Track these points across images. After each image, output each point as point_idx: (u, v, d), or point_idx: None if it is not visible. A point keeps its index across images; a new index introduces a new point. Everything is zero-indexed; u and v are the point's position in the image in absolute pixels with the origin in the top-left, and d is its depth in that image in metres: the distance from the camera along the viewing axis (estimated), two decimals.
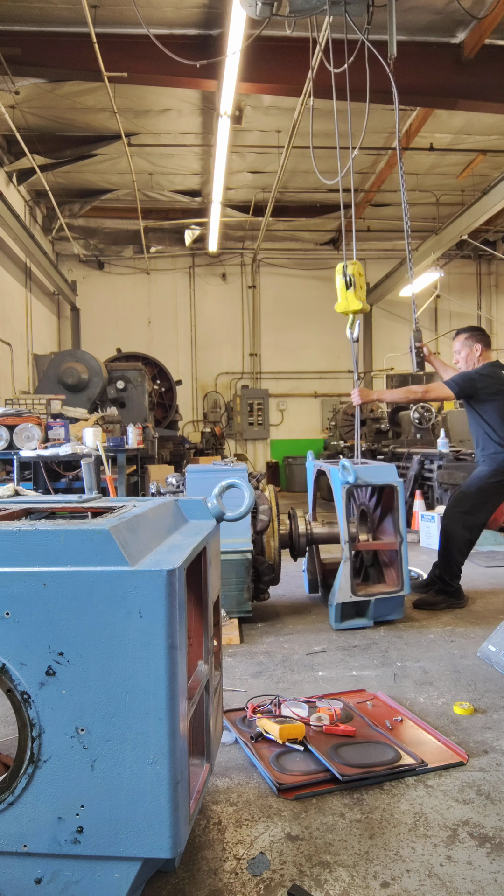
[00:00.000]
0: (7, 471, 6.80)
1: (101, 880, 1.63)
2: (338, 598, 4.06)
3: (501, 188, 9.06)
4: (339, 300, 4.50)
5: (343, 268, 4.42)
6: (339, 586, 4.05)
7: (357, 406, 4.70)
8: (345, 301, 4.46)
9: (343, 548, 4.08)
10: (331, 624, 4.23)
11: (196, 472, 4.46)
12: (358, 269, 4.44)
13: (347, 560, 4.06)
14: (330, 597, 4.19)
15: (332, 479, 4.24)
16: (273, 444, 15.36)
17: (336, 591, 4.07)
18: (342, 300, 4.48)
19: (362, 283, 4.48)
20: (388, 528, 4.44)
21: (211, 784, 2.40)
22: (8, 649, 1.61)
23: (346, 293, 4.44)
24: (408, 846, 2.04)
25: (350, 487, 4.12)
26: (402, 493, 4.25)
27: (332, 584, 4.77)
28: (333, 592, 4.10)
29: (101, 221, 13.29)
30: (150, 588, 1.57)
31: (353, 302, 4.42)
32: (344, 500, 4.05)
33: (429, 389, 4.67)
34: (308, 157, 10.35)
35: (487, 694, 3.18)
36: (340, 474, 4.01)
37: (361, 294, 4.44)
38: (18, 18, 7.19)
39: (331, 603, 4.17)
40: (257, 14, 4.58)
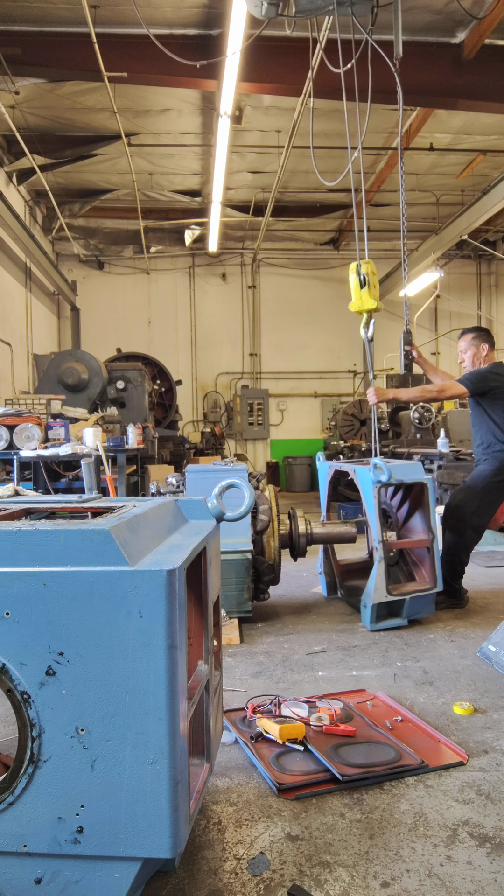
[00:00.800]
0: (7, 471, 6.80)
1: (101, 880, 1.63)
2: (374, 598, 4.04)
3: (501, 188, 9.06)
4: (353, 299, 4.51)
5: (357, 267, 4.43)
6: (374, 587, 4.02)
7: (373, 405, 4.70)
8: (359, 300, 4.47)
9: (377, 548, 4.06)
10: (364, 625, 4.21)
11: (196, 472, 4.46)
12: (371, 268, 4.45)
13: (382, 560, 4.04)
14: (364, 598, 4.15)
15: (360, 479, 4.21)
16: (273, 444, 15.36)
17: (371, 591, 4.04)
18: (356, 299, 4.49)
19: (376, 282, 4.49)
20: (415, 526, 4.44)
21: (211, 784, 2.40)
22: (8, 649, 1.61)
23: (359, 292, 4.45)
24: (408, 846, 2.04)
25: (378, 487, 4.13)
26: (433, 490, 4.26)
27: (351, 584, 4.80)
28: (368, 593, 4.07)
29: (101, 221, 13.28)
30: (150, 588, 1.57)
31: (368, 301, 4.43)
32: (376, 499, 4.04)
33: (443, 389, 4.69)
34: (308, 157, 10.36)
35: (487, 694, 3.18)
36: (372, 473, 3.99)
37: (375, 293, 4.46)
38: (18, 18, 7.18)
39: (365, 604, 4.14)
40: (263, 14, 4.57)
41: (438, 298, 14.77)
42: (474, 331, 4.88)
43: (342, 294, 15.36)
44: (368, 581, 4.11)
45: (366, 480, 4.13)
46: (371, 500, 4.06)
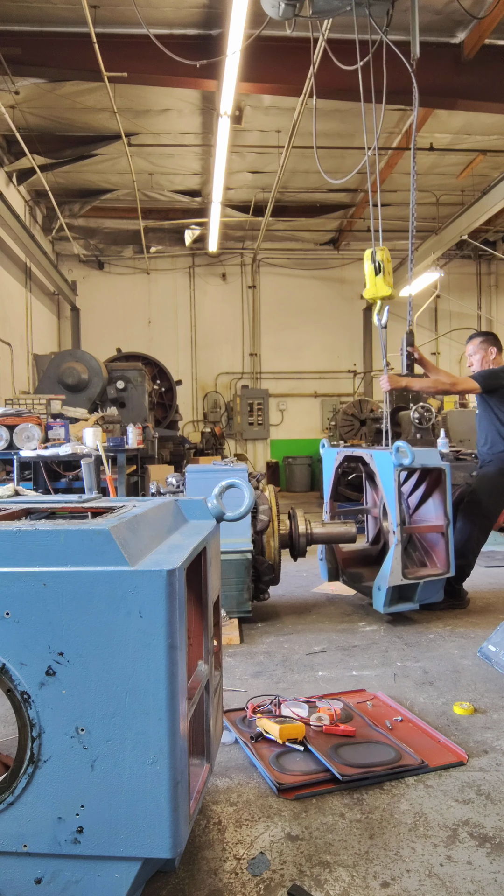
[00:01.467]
0: (7, 471, 6.80)
1: (101, 880, 1.63)
2: (389, 581, 4.04)
3: (501, 188, 9.06)
4: (368, 286, 4.52)
5: (372, 254, 4.43)
6: (390, 570, 4.03)
7: (386, 392, 4.71)
8: (373, 287, 4.48)
9: (395, 531, 4.06)
10: (378, 609, 4.18)
11: (196, 472, 4.46)
12: (386, 255, 4.45)
13: (399, 544, 4.04)
14: (378, 581, 4.14)
15: (378, 463, 4.20)
16: (273, 444, 15.35)
17: (387, 574, 4.04)
18: (371, 286, 4.50)
19: (390, 269, 4.50)
20: (427, 512, 4.45)
21: (211, 784, 2.40)
22: (8, 649, 1.61)
23: (374, 279, 4.46)
24: (408, 846, 2.04)
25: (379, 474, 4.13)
26: (449, 475, 4.29)
27: (354, 571, 4.80)
28: (383, 576, 4.07)
29: (101, 221, 13.28)
30: (150, 588, 1.57)
31: (382, 288, 4.44)
32: (396, 483, 4.04)
33: (456, 382, 4.72)
34: (308, 157, 10.37)
35: (487, 694, 3.18)
36: (395, 456, 3.98)
37: (389, 280, 4.47)
38: (18, 18, 7.18)
39: (379, 587, 4.13)
40: (280, 15, 4.57)
41: (438, 298, 14.77)
42: (482, 335, 4.94)
43: (342, 294, 15.37)
44: (384, 565, 4.09)
45: (385, 464, 4.12)
46: (391, 484, 4.05)
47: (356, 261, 15.21)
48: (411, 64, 4.56)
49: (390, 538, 4.12)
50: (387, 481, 4.11)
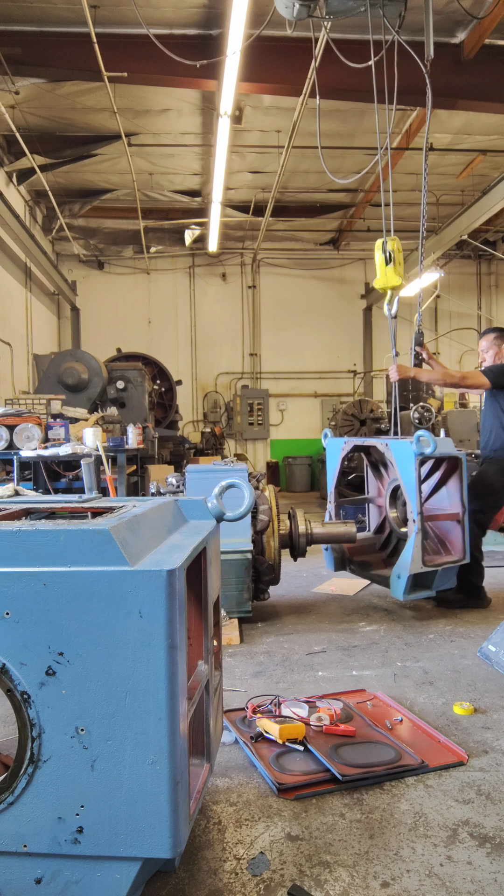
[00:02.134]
0: (7, 471, 6.80)
1: (101, 880, 1.63)
2: (410, 569, 4.05)
3: (501, 188, 9.05)
4: (378, 276, 4.52)
5: (382, 244, 4.44)
6: (410, 557, 4.04)
7: (394, 382, 4.70)
8: (384, 277, 4.49)
9: (415, 519, 4.07)
10: (397, 596, 4.19)
11: (196, 472, 4.46)
12: (397, 246, 4.46)
13: (419, 532, 4.05)
14: (397, 569, 4.15)
15: (395, 452, 4.20)
16: (273, 444, 15.35)
17: (407, 562, 4.06)
18: (381, 276, 4.50)
19: (401, 259, 4.51)
20: (440, 500, 4.46)
21: (211, 784, 2.40)
22: (8, 649, 1.61)
23: (385, 269, 4.46)
24: (408, 846, 2.04)
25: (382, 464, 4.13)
26: (465, 464, 4.31)
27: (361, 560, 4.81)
28: (403, 564, 4.08)
29: (101, 221, 13.27)
30: (150, 588, 1.57)
31: (393, 278, 4.45)
32: (417, 471, 4.04)
33: (466, 376, 4.73)
34: (308, 157, 10.37)
35: (487, 694, 3.18)
36: (416, 445, 3.98)
37: (400, 269, 4.48)
38: (18, 18, 7.18)
39: (399, 575, 4.13)
40: (294, 15, 4.58)
41: (438, 298, 14.77)
42: (496, 331, 4.95)
43: (342, 294, 15.37)
44: (403, 553, 4.10)
45: (403, 453, 4.12)
46: (411, 472, 4.06)
47: (356, 261, 15.22)
48: (425, 64, 4.58)
49: (410, 526, 4.12)
50: (405, 470, 4.12)
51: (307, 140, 9.01)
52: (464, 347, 15.11)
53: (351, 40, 6.26)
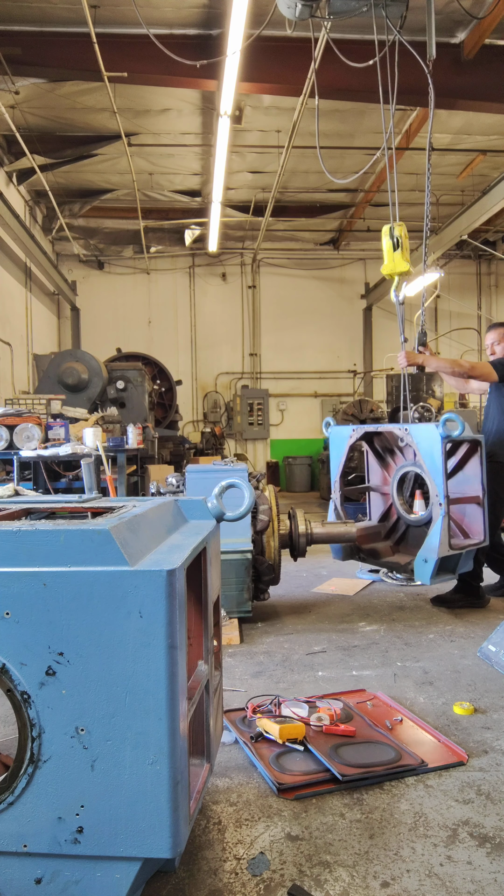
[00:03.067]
0: (7, 471, 6.80)
1: (101, 880, 1.63)
2: (439, 552, 4.06)
3: (501, 188, 9.05)
4: (386, 262, 4.51)
5: (390, 230, 4.43)
6: (438, 541, 4.04)
7: (403, 368, 4.69)
8: (391, 262, 4.48)
9: (442, 503, 4.07)
10: (423, 581, 4.18)
11: (196, 472, 4.46)
12: (404, 232, 4.45)
13: (446, 515, 4.06)
14: (424, 553, 4.14)
15: (416, 437, 4.19)
16: (273, 444, 15.35)
17: (435, 546, 4.06)
18: (389, 261, 4.49)
19: (407, 245, 4.50)
20: (458, 483, 4.48)
21: (211, 784, 2.40)
22: (8, 649, 1.61)
23: (392, 255, 4.45)
24: (408, 846, 2.04)
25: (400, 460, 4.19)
26: (484, 447, 4.34)
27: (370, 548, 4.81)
28: (431, 548, 4.08)
29: (101, 221, 13.28)
30: (150, 588, 1.57)
31: (400, 263, 4.44)
32: (444, 455, 4.04)
33: (475, 366, 4.72)
34: (308, 157, 10.36)
35: (487, 694, 3.18)
36: (442, 429, 3.97)
37: (407, 255, 4.46)
38: (18, 18, 7.18)
39: (426, 559, 4.12)
40: (296, 16, 4.59)
41: (438, 298, 14.77)
42: (501, 325, 4.96)
43: (342, 294, 15.37)
44: (430, 537, 4.09)
45: (426, 437, 4.12)
46: (436, 456, 4.06)
47: (356, 261, 15.22)
48: (428, 64, 4.58)
49: (435, 510, 4.11)
50: (429, 454, 4.11)
51: (307, 140, 9.01)
52: (464, 347, 15.11)
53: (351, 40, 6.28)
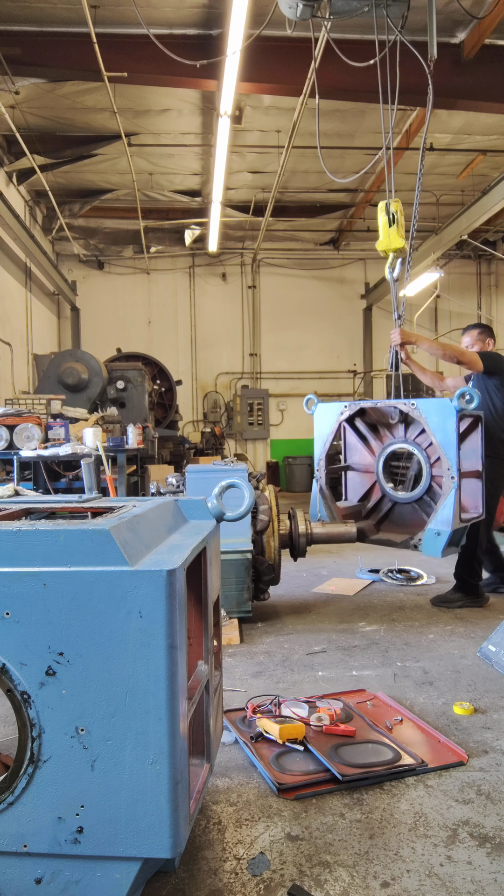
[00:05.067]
0: (7, 471, 6.80)
1: (101, 880, 1.63)
2: (452, 525, 4.07)
3: (501, 188, 9.05)
4: (381, 238, 4.50)
5: (386, 205, 4.43)
6: (452, 514, 4.05)
7: (396, 345, 4.68)
8: (386, 239, 4.47)
9: (455, 476, 4.08)
10: (435, 555, 4.17)
11: (196, 472, 4.46)
12: (399, 208, 4.45)
13: (457, 489, 4.07)
14: (436, 527, 4.14)
15: (425, 412, 4.19)
16: (273, 444, 15.35)
17: (449, 518, 4.07)
18: (384, 238, 4.48)
19: (402, 222, 4.49)
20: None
21: (211, 784, 2.40)
22: (8, 649, 1.61)
23: (388, 230, 4.45)
24: (408, 846, 2.04)
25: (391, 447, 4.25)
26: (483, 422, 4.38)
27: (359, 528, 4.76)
28: (444, 521, 4.10)
29: (101, 221, 13.28)
30: (150, 588, 1.57)
31: (396, 240, 4.44)
32: (457, 429, 4.05)
33: (463, 353, 4.77)
34: (308, 157, 10.36)
35: (487, 694, 3.18)
36: (457, 402, 3.96)
37: (402, 231, 4.46)
38: (18, 18, 7.18)
39: (439, 533, 4.12)
40: (297, 16, 4.59)
41: (438, 298, 14.76)
42: (480, 327, 5.05)
43: (342, 294, 15.37)
44: (442, 511, 4.10)
45: (439, 411, 4.13)
46: (448, 431, 4.06)
47: (356, 261, 15.22)
48: (429, 64, 4.58)
49: (446, 484, 4.12)
50: (440, 429, 4.11)
51: (307, 140, 9.00)
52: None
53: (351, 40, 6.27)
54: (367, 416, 4.94)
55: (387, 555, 6.69)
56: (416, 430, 4.55)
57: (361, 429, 4.98)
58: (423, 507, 4.58)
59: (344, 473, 5.21)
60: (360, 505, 5.04)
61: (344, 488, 5.22)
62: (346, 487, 5.20)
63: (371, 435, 4.96)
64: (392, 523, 4.85)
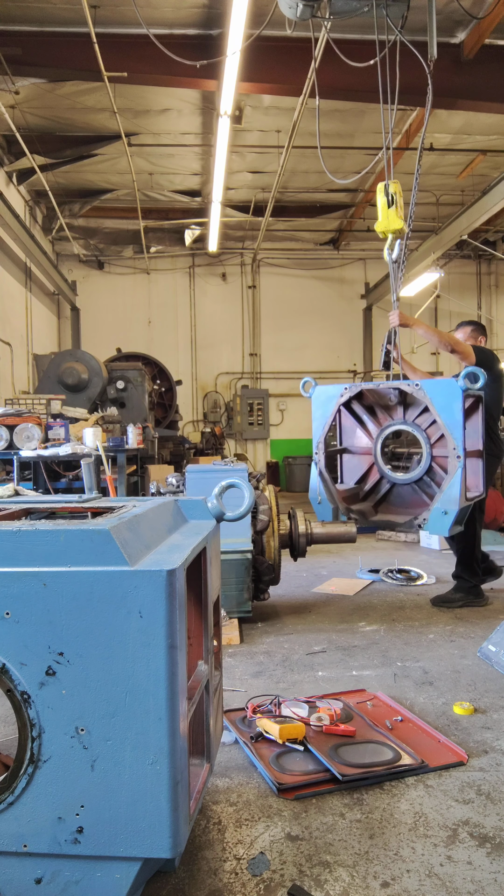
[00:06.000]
0: (7, 471, 6.80)
1: (101, 880, 1.63)
2: (459, 503, 4.06)
3: (501, 188, 9.05)
4: (380, 219, 4.47)
5: (385, 186, 4.43)
6: (459, 493, 4.05)
7: (394, 327, 4.66)
8: (385, 220, 4.44)
9: (461, 455, 4.07)
10: (441, 533, 4.17)
11: (196, 472, 4.46)
12: (398, 188, 4.44)
13: (463, 468, 4.06)
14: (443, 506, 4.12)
15: (430, 392, 4.16)
16: (273, 444, 15.35)
17: (455, 497, 4.06)
18: (383, 218, 4.46)
19: (402, 203, 4.47)
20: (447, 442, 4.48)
21: (211, 784, 2.40)
22: (8, 649, 1.61)
23: (387, 211, 4.43)
24: (408, 846, 2.04)
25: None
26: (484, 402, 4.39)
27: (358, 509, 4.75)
28: (451, 500, 4.08)
29: (101, 221, 13.28)
30: (150, 588, 1.57)
31: (395, 220, 4.41)
32: (462, 408, 4.04)
33: (459, 343, 4.76)
34: (308, 157, 10.36)
35: (487, 694, 3.18)
36: (463, 382, 3.94)
37: (401, 213, 4.44)
38: (18, 18, 7.18)
39: (445, 511, 4.10)
40: (297, 16, 4.59)
41: (438, 298, 14.76)
42: (472, 324, 5.07)
43: (342, 294, 15.36)
44: (449, 489, 4.08)
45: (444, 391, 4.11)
46: (454, 410, 4.05)
47: (356, 261, 15.22)
48: (429, 64, 4.58)
49: (452, 463, 4.11)
50: (447, 408, 4.10)
51: (307, 140, 9.01)
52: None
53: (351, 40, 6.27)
54: (364, 399, 4.90)
55: (387, 555, 6.69)
56: (416, 412, 4.53)
57: (358, 411, 4.94)
58: (424, 487, 4.57)
59: (340, 456, 5.16)
60: (358, 487, 5.01)
61: (339, 471, 5.13)
62: (342, 470, 5.11)
63: (368, 417, 4.92)
64: (390, 505, 4.81)
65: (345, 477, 5.06)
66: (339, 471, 5.10)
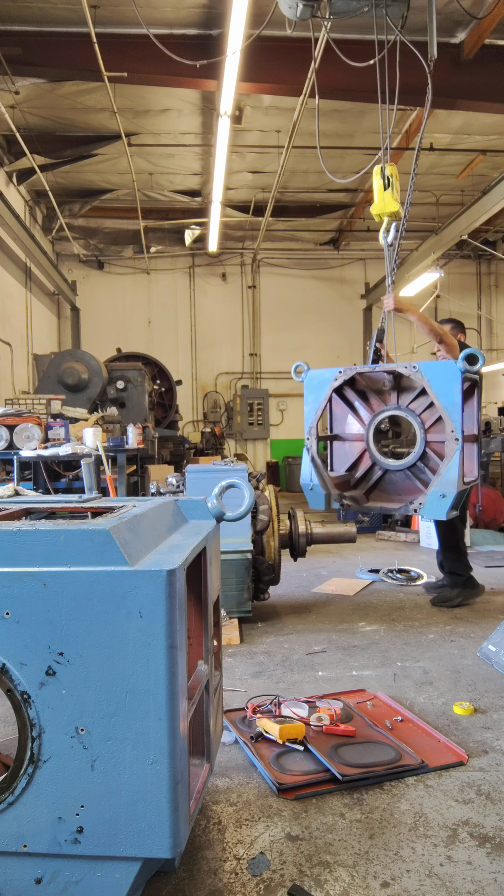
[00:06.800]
0: (7, 471, 6.80)
1: (101, 880, 1.63)
2: (457, 486, 4.05)
3: (501, 188, 9.05)
4: (376, 201, 4.46)
5: (381, 169, 4.41)
6: (456, 476, 4.04)
7: (389, 311, 4.64)
8: (381, 202, 4.42)
9: (459, 438, 4.06)
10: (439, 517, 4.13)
11: (196, 472, 4.46)
12: (394, 171, 4.43)
13: (460, 451, 4.06)
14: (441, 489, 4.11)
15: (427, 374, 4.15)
16: (273, 444, 15.35)
17: (454, 480, 4.05)
18: (379, 201, 4.44)
19: (398, 186, 4.46)
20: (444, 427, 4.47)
21: (211, 784, 2.40)
22: (8, 649, 1.61)
23: (383, 194, 4.40)
24: (408, 846, 2.04)
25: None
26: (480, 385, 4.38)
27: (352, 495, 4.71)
28: (449, 483, 4.07)
29: (101, 221, 13.27)
30: (150, 588, 1.57)
31: (391, 203, 4.40)
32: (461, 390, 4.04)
33: (447, 335, 4.78)
34: (307, 157, 10.36)
35: (487, 694, 3.18)
36: (462, 364, 3.93)
37: (397, 196, 4.42)
38: (18, 18, 7.18)
39: (444, 494, 4.09)
40: (297, 16, 4.59)
41: (438, 298, 14.76)
42: (452, 322, 5.12)
43: (342, 294, 15.36)
44: (447, 472, 4.07)
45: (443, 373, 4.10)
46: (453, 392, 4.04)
47: (356, 261, 15.22)
48: (429, 64, 4.58)
49: (450, 446, 4.10)
50: (446, 391, 4.09)
51: (307, 140, 9.00)
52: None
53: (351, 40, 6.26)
54: (356, 384, 4.87)
55: (387, 555, 6.69)
56: (410, 397, 4.52)
57: (350, 397, 4.90)
58: (417, 473, 4.56)
59: (330, 443, 5.12)
60: (349, 475, 4.99)
61: (329, 458, 5.06)
62: (332, 457, 5.04)
63: (361, 403, 4.88)
64: (382, 492, 4.77)
65: (335, 464, 4.97)
66: (329, 458, 5.04)
